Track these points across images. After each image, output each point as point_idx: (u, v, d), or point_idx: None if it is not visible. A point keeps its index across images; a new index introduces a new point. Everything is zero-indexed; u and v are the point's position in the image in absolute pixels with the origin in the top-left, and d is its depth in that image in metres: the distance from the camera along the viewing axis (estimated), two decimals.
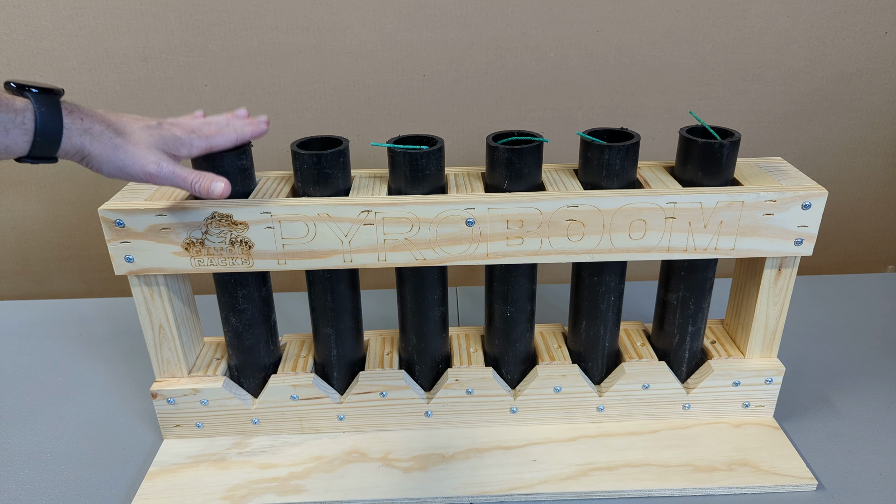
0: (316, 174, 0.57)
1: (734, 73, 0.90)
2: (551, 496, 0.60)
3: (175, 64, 0.86)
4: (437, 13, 0.84)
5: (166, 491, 0.61)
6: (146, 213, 0.55)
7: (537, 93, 0.90)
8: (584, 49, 0.87)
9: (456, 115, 0.91)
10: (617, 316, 0.66)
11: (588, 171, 0.59)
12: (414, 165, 0.56)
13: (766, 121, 0.94)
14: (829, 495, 0.60)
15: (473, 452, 0.65)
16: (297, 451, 0.65)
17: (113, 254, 0.57)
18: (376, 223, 0.56)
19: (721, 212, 0.57)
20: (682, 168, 0.60)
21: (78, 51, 0.84)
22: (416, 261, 0.58)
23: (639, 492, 0.60)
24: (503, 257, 0.58)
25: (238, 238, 0.57)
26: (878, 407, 0.70)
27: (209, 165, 0.56)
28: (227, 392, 0.64)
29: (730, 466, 0.62)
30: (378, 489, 0.61)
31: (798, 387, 0.73)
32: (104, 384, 0.76)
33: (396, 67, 0.88)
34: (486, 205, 0.56)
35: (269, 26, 0.84)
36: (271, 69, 0.87)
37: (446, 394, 0.66)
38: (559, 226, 0.57)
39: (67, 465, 0.65)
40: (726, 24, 0.87)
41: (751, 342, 0.66)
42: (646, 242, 0.58)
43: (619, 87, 0.90)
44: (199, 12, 0.83)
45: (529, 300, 0.64)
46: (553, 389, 0.66)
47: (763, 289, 0.62)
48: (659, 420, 0.68)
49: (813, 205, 0.57)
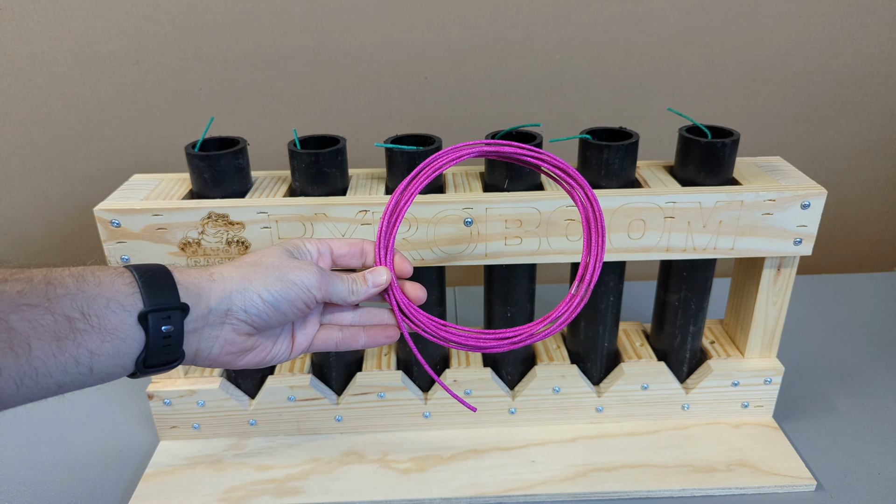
0: (314, 173, 0.56)
1: (744, 75, 0.90)
2: (550, 497, 0.60)
3: (169, 67, 0.85)
4: (439, 14, 0.84)
5: (163, 493, 0.60)
6: (142, 213, 0.55)
7: (542, 95, 0.90)
8: (591, 51, 0.87)
9: (458, 118, 0.91)
10: (616, 316, 0.66)
11: (587, 170, 0.59)
12: (412, 165, 0.56)
13: (775, 123, 0.93)
14: (829, 495, 0.60)
15: (472, 453, 0.64)
16: (294, 452, 0.65)
17: (109, 254, 0.57)
18: (374, 223, 0.56)
19: (720, 211, 0.57)
20: (681, 167, 0.60)
21: (68, 54, 0.83)
22: (413, 261, 0.58)
23: (638, 492, 0.60)
24: (501, 257, 0.58)
25: (234, 238, 0.56)
26: (877, 407, 0.70)
27: (206, 165, 0.55)
28: (223, 393, 0.64)
29: (729, 467, 0.62)
30: (376, 490, 0.60)
31: (797, 387, 0.73)
32: (100, 385, 0.76)
33: (397, 70, 0.87)
34: (484, 204, 0.56)
35: (266, 28, 0.83)
36: (268, 72, 0.86)
37: (445, 394, 0.66)
38: (558, 225, 0.57)
39: (63, 466, 0.64)
40: (736, 26, 0.86)
41: (750, 342, 0.65)
42: (645, 242, 0.58)
43: (625, 90, 0.90)
44: (193, 14, 0.82)
45: (529, 300, 0.64)
46: (552, 390, 0.66)
47: (762, 289, 0.62)
48: (658, 420, 0.68)
49: (812, 204, 0.57)
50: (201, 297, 0.40)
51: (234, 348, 0.43)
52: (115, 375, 0.38)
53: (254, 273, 0.43)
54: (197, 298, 0.40)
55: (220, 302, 0.41)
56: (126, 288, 0.37)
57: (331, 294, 0.45)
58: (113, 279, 0.37)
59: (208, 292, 0.41)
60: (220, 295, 0.41)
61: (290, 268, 0.44)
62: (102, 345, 0.36)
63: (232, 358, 0.43)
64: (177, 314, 0.38)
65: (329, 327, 0.49)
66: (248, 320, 0.42)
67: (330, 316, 0.49)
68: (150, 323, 0.37)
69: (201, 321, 0.40)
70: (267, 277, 0.43)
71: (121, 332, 0.36)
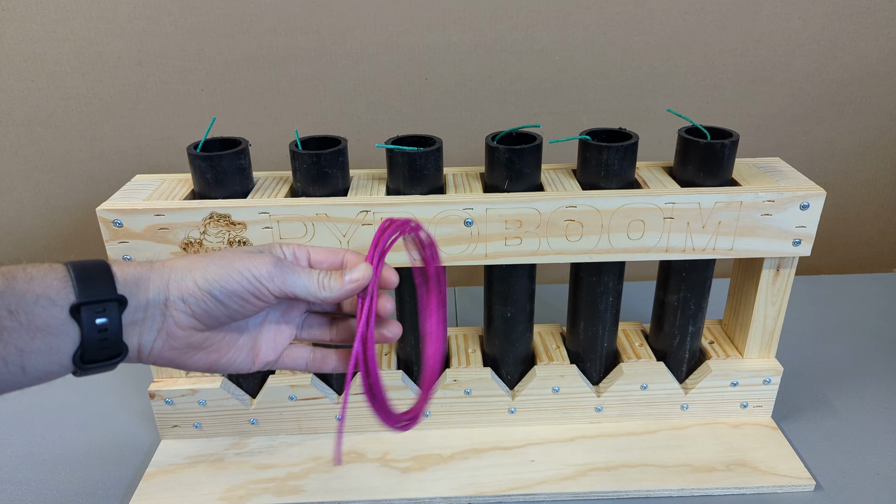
0: (315, 174, 0.57)
1: (743, 76, 0.90)
2: (549, 496, 0.60)
3: (171, 68, 0.85)
4: (439, 15, 0.84)
5: (164, 491, 0.61)
6: (144, 212, 0.55)
7: (542, 96, 0.90)
8: (591, 52, 0.87)
9: (459, 119, 0.91)
10: (615, 316, 0.66)
11: (587, 171, 0.59)
12: (412, 165, 0.57)
13: (774, 124, 0.94)
14: (828, 495, 0.60)
15: (472, 453, 0.65)
16: (295, 451, 0.65)
17: (111, 254, 0.57)
18: (375, 223, 0.56)
19: (719, 212, 0.57)
20: (680, 168, 0.61)
21: (70, 55, 0.84)
22: (413, 261, 0.58)
23: (637, 492, 0.60)
24: (501, 257, 0.58)
25: (236, 238, 0.57)
26: (876, 407, 0.70)
27: (208, 165, 0.56)
28: (225, 392, 0.64)
29: (728, 467, 0.62)
30: (376, 489, 0.61)
31: (796, 387, 0.73)
32: (102, 384, 0.76)
33: (398, 71, 0.87)
34: (484, 205, 0.56)
35: (268, 29, 0.84)
36: (270, 73, 0.87)
37: (444, 394, 0.66)
38: (557, 226, 0.57)
39: (65, 465, 0.65)
40: (736, 27, 0.87)
41: (749, 342, 0.66)
42: (644, 243, 0.58)
43: (625, 91, 0.90)
44: (195, 15, 0.82)
45: (529, 300, 0.64)
46: (551, 390, 0.66)
47: (761, 289, 0.62)
48: (657, 420, 0.68)
49: (811, 205, 0.57)
50: (140, 288, 0.38)
51: (178, 343, 0.40)
52: (54, 374, 0.37)
53: (199, 261, 0.40)
54: (136, 289, 0.38)
55: (158, 292, 0.39)
56: (58, 283, 0.36)
57: (290, 287, 0.41)
58: (45, 275, 0.36)
59: (147, 282, 0.39)
60: (158, 284, 0.39)
61: (241, 257, 0.41)
62: (32, 342, 0.34)
63: (177, 355, 0.41)
64: (112, 306, 0.36)
65: (300, 347, 0.46)
66: (188, 311, 0.39)
67: (309, 330, 0.47)
68: (84, 316, 0.35)
69: (140, 313, 0.38)
70: (209, 265, 0.40)
71: (52, 328, 0.35)
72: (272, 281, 0.40)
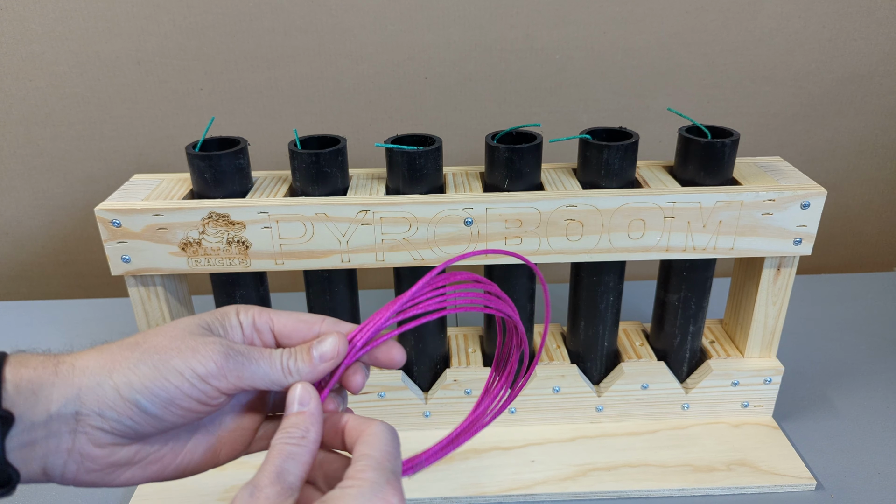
0: (314, 173, 0.57)
1: (743, 74, 0.90)
2: (550, 496, 0.60)
3: (169, 67, 0.85)
4: (439, 15, 0.84)
5: (163, 492, 0.61)
6: (143, 212, 0.55)
7: (542, 95, 0.90)
8: (591, 51, 0.87)
9: (458, 118, 0.91)
10: (616, 316, 0.66)
11: (587, 170, 0.59)
12: (412, 165, 0.56)
13: (774, 123, 0.93)
14: (829, 495, 0.60)
15: (472, 453, 0.65)
16: None
17: (109, 254, 0.57)
18: (374, 223, 0.56)
19: (720, 211, 0.57)
20: (681, 167, 0.60)
21: (69, 54, 0.83)
22: (414, 261, 0.58)
23: (637, 492, 0.60)
24: (501, 257, 0.58)
25: (235, 238, 0.56)
26: (877, 407, 0.70)
27: (207, 165, 0.56)
28: None
29: (729, 466, 0.62)
30: None
31: (797, 386, 0.73)
32: None
33: (397, 70, 0.87)
34: (484, 204, 0.56)
35: (267, 28, 0.84)
36: (269, 72, 0.86)
37: (445, 394, 0.66)
38: (558, 225, 0.57)
39: None
40: (736, 26, 0.86)
41: (750, 342, 0.66)
42: (644, 242, 0.58)
43: (625, 90, 0.90)
44: (194, 14, 0.82)
45: (529, 300, 0.64)
46: (552, 390, 0.66)
47: (762, 288, 0.62)
48: (658, 420, 0.68)
49: (812, 204, 0.57)
50: (39, 399, 0.30)
51: (97, 465, 0.32)
52: None
53: (123, 360, 0.31)
54: (32, 400, 0.29)
55: (64, 404, 0.30)
56: None
57: (248, 380, 0.33)
58: None
59: (49, 390, 0.30)
60: (64, 394, 0.30)
61: (180, 350, 0.32)
62: None
63: (100, 476, 0.32)
64: None
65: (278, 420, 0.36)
66: (108, 427, 0.31)
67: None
68: None
69: (40, 430, 0.30)
70: (138, 365, 0.31)
71: None
72: (223, 378, 0.32)
